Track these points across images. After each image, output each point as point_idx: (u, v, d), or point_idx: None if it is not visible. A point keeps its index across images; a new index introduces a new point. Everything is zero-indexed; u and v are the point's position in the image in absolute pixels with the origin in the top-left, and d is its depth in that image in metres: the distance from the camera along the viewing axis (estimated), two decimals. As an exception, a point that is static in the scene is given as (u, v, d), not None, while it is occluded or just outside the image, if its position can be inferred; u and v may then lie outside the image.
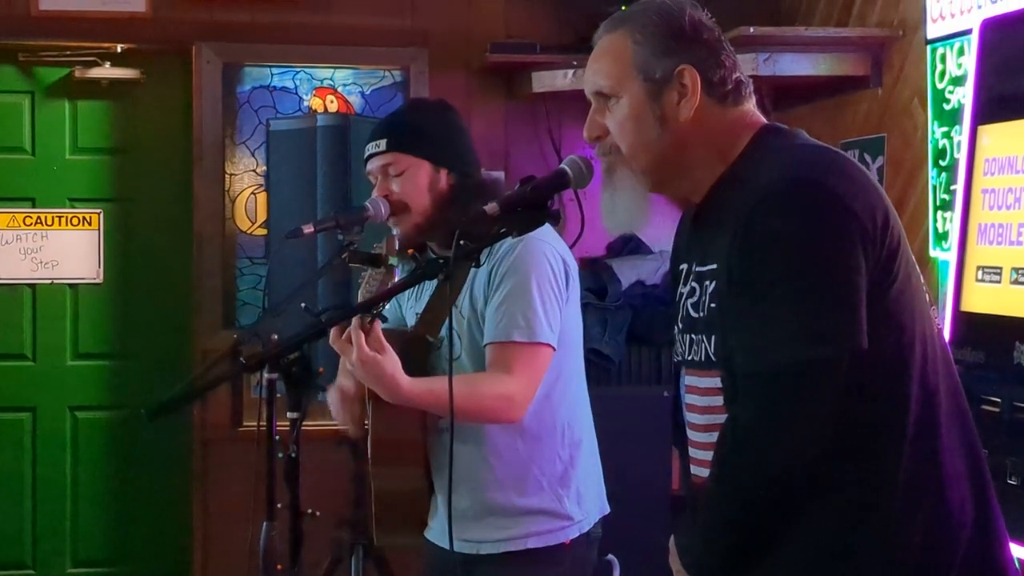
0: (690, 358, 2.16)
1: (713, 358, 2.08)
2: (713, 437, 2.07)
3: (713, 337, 2.08)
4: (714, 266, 2.07)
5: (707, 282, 2.09)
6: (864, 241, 1.96)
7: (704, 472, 2.10)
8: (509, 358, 2.90)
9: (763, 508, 2.00)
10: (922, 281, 2.11)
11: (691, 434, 2.21)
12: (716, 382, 2.08)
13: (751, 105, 2.19)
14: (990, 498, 2.08)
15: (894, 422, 1.99)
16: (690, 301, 2.15)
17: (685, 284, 2.18)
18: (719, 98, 2.14)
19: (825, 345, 1.93)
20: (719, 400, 2.08)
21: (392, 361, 2.73)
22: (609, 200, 2.19)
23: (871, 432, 1.98)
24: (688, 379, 2.20)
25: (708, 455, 2.08)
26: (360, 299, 2.93)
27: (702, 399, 2.15)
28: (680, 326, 2.20)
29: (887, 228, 2.00)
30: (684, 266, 2.20)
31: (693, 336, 2.14)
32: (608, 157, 2.18)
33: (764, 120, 2.19)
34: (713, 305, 2.07)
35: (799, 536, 2.00)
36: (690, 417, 2.21)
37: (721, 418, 2.06)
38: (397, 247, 3.06)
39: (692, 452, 2.21)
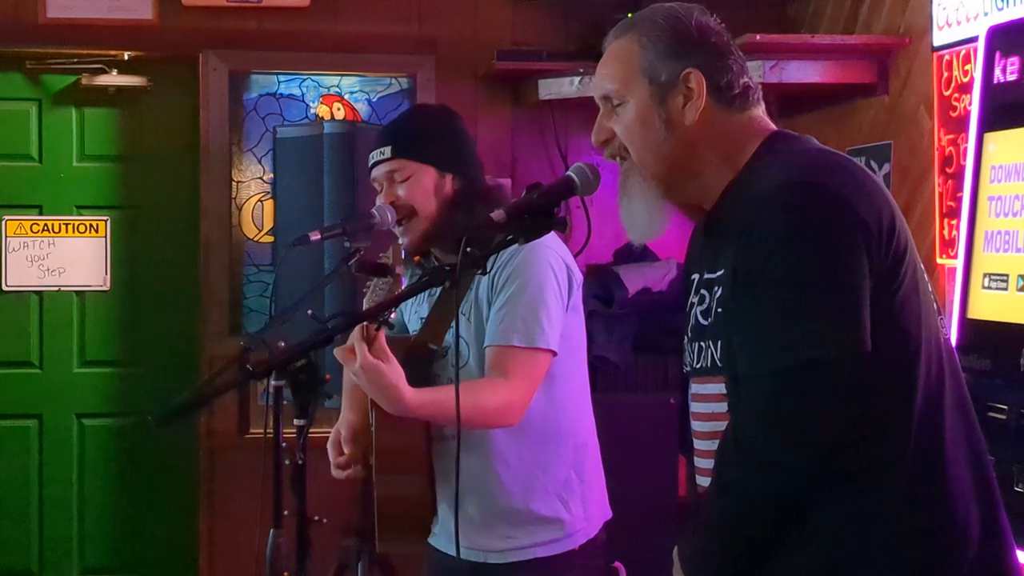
0: (698, 366, 2.16)
1: (719, 363, 2.08)
2: (716, 445, 2.07)
3: (719, 342, 2.08)
4: (721, 272, 2.08)
5: (715, 288, 2.09)
6: (868, 244, 1.96)
7: (708, 481, 2.10)
8: (508, 362, 2.90)
9: (764, 511, 1.99)
10: (930, 289, 2.10)
11: (696, 443, 2.21)
12: (721, 388, 2.08)
13: (760, 111, 2.19)
14: (997, 505, 2.07)
15: (897, 428, 1.98)
16: (699, 309, 2.15)
17: (696, 294, 2.18)
18: (726, 102, 2.14)
19: (827, 347, 1.92)
20: (723, 407, 2.08)
21: (395, 371, 2.73)
22: (627, 210, 2.19)
23: (874, 437, 1.97)
24: (695, 387, 2.20)
25: (712, 463, 2.07)
26: (365, 309, 2.93)
27: (707, 406, 2.15)
28: (689, 335, 2.20)
29: (893, 233, 2.00)
30: (695, 276, 2.20)
31: (701, 344, 2.14)
32: (620, 163, 2.19)
33: (773, 126, 2.19)
34: (720, 310, 2.07)
35: (801, 543, 1.99)
36: (695, 425, 2.21)
37: (724, 425, 2.05)
38: (404, 256, 3.07)
39: (697, 461, 2.21)
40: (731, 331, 2.04)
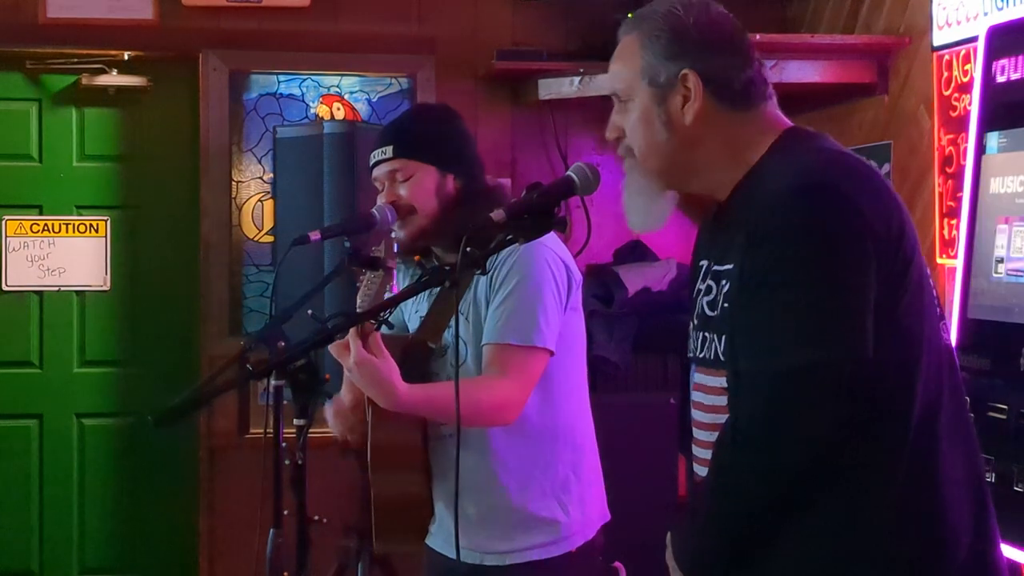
0: (701, 355, 2.16)
1: (722, 357, 2.08)
2: (716, 437, 2.07)
3: (724, 337, 2.08)
4: (730, 266, 2.07)
5: (723, 282, 2.10)
6: (876, 248, 1.96)
7: (706, 471, 2.10)
8: (504, 361, 2.90)
9: (759, 509, 2.00)
10: (934, 293, 2.10)
11: (696, 432, 2.21)
12: (724, 382, 2.09)
13: (770, 106, 2.17)
14: (988, 506, 2.08)
15: (895, 430, 1.98)
16: (706, 299, 2.15)
17: (703, 281, 2.18)
18: (728, 100, 2.13)
19: (829, 350, 1.92)
20: (725, 400, 2.08)
21: (389, 366, 2.74)
22: (629, 201, 2.20)
23: (871, 439, 1.97)
24: (697, 377, 2.21)
25: (711, 454, 2.08)
26: (358, 302, 2.93)
27: (709, 398, 2.16)
28: (695, 323, 2.20)
29: (902, 237, 2.00)
30: (704, 263, 2.20)
31: (706, 334, 2.14)
32: (627, 158, 2.19)
33: (787, 122, 2.18)
34: (726, 305, 2.07)
35: (795, 540, 2.00)
36: (696, 415, 2.21)
37: (725, 418, 2.06)
38: (396, 249, 3.07)
39: (696, 451, 2.21)
40: (735, 328, 2.04)
